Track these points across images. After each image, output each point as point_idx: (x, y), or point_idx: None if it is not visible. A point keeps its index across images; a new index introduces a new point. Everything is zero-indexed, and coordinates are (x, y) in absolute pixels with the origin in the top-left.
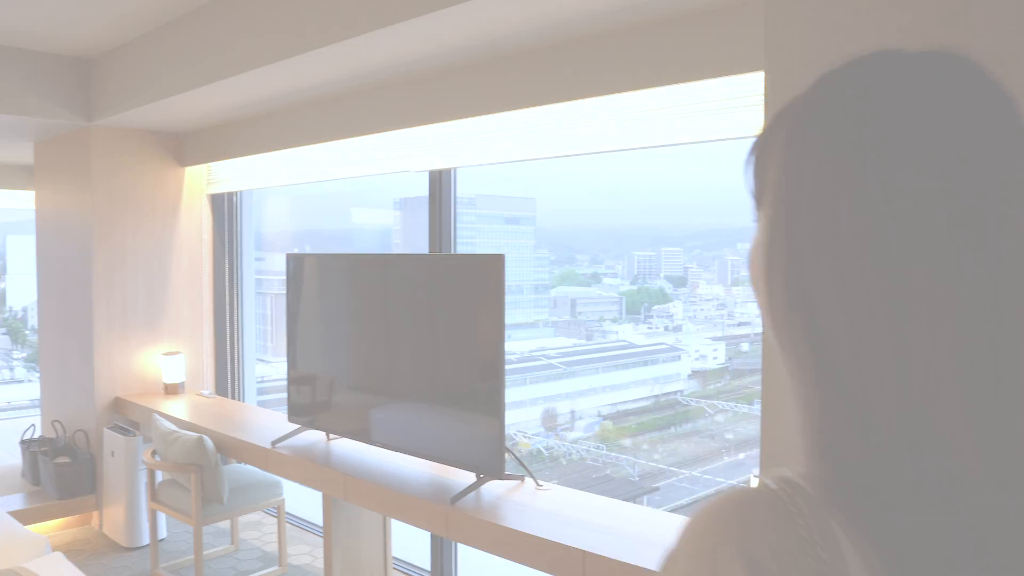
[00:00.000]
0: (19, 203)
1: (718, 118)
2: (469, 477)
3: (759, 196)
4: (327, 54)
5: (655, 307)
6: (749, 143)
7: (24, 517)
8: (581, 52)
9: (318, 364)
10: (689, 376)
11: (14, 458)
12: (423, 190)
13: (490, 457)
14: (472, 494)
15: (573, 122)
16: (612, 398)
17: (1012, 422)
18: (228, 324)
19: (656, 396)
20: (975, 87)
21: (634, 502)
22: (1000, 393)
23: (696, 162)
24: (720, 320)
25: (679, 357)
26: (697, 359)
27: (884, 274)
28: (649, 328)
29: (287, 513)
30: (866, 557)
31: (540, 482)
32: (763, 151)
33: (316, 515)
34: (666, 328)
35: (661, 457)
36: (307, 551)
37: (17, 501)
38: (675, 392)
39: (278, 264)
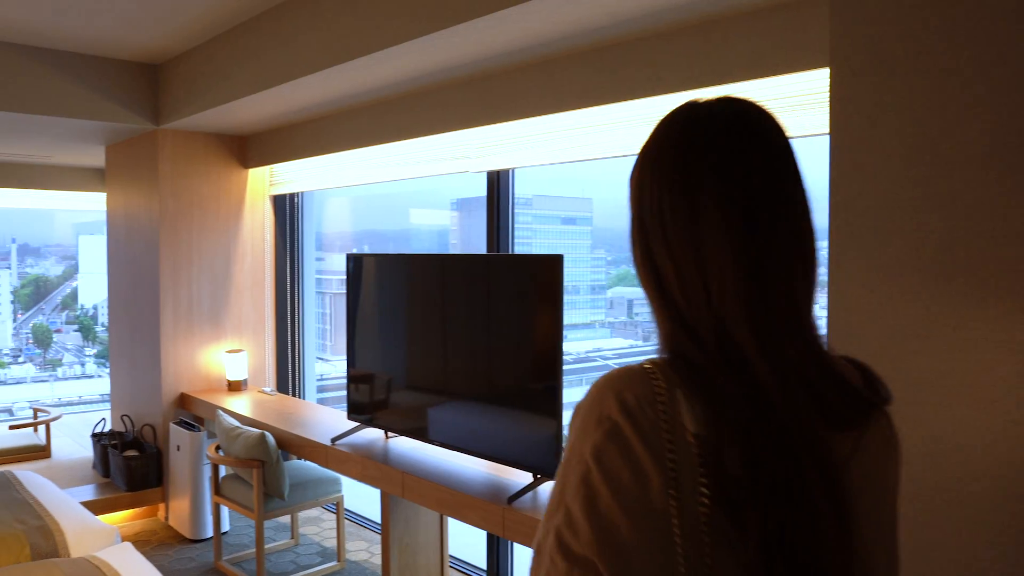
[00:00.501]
0: (91, 204)
1: (782, 117)
2: (526, 477)
3: (630, 202)
4: (387, 56)
5: None
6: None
7: (95, 508)
8: (640, 51)
9: (377, 363)
10: None
11: (86, 450)
12: (480, 190)
13: (547, 457)
14: (529, 494)
15: (631, 121)
16: None
17: (775, 325)
18: (289, 323)
19: None
20: (741, 123)
21: None
22: (768, 307)
23: None
24: None
25: None
26: None
27: (691, 240)
28: None
29: (345, 509)
30: (694, 407)
31: None
32: (630, 174)
33: (374, 512)
34: None
35: None
36: (365, 547)
37: (88, 492)
38: None
39: (337, 264)
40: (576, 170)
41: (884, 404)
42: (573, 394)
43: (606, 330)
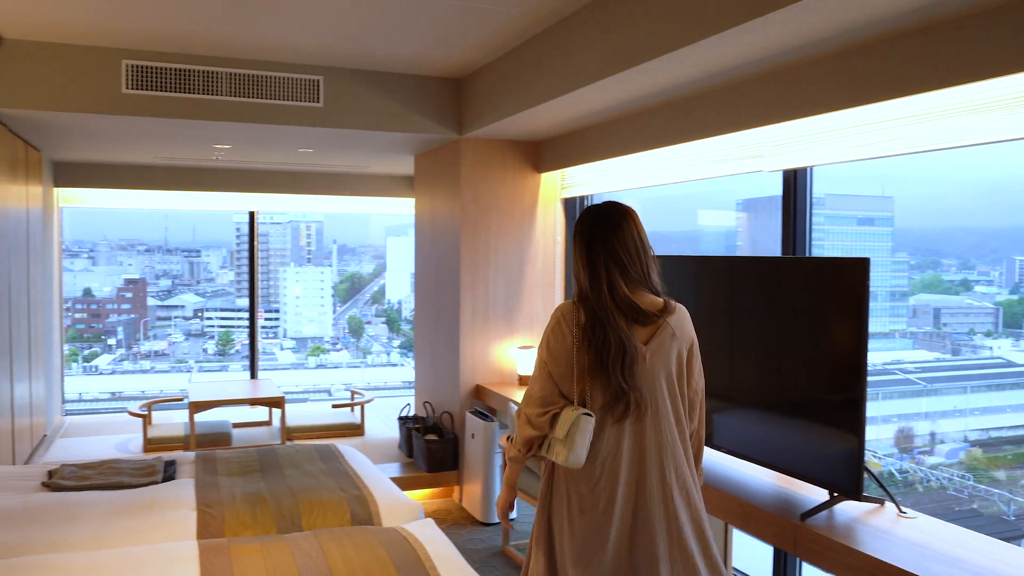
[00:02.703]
0: (398, 208)
1: None
2: (819, 494)
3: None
4: (679, 57)
5: None
6: None
7: (400, 484)
8: (953, 34)
9: None
10: None
11: (391, 431)
12: (769, 190)
13: (846, 475)
14: (824, 512)
15: (946, 112)
16: (983, 422)
17: (615, 290)
18: None
19: None
20: (608, 214)
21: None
22: (611, 285)
23: None
24: None
25: None
26: None
27: (590, 266)
28: None
29: None
30: (581, 314)
31: (903, 509)
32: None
33: None
34: None
35: None
36: None
37: (394, 469)
38: None
39: None
40: (875, 167)
41: (666, 317)
42: (873, 409)
43: (907, 341)
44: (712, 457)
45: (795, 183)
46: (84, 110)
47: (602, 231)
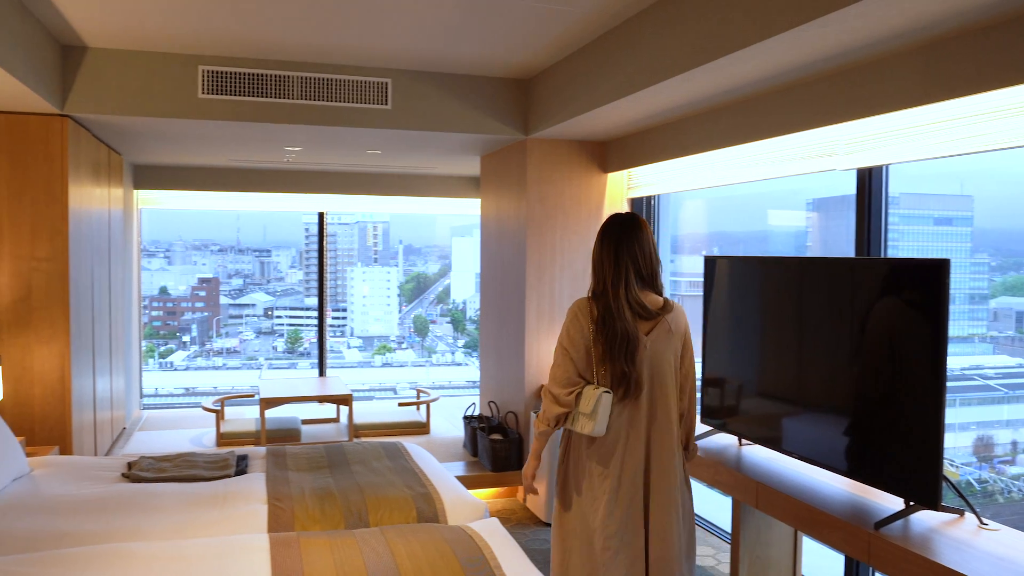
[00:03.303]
0: (464, 209)
1: None
2: (894, 502)
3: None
4: (749, 54)
5: None
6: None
7: (464, 483)
8: None
9: (731, 367)
10: None
11: (456, 430)
12: (842, 189)
13: (923, 483)
14: (900, 522)
15: None
16: None
17: (625, 289)
18: None
19: None
20: (633, 221)
21: None
22: (625, 284)
23: None
24: None
25: None
26: None
27: (616, 265)
28: None
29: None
30: (594, 308)
31: (984, 520)
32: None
33: (719, 518)
34: None
35: None
36: (711, 553)
37: (459, 468)
38: None
39: (687, 266)
40: (952, 165)
41: (665, 315)
42: (951, 416)
43: (987, 345)
44: (781, 462)
45: (870, 182)
46: (163, 115)
47: (627, 236)
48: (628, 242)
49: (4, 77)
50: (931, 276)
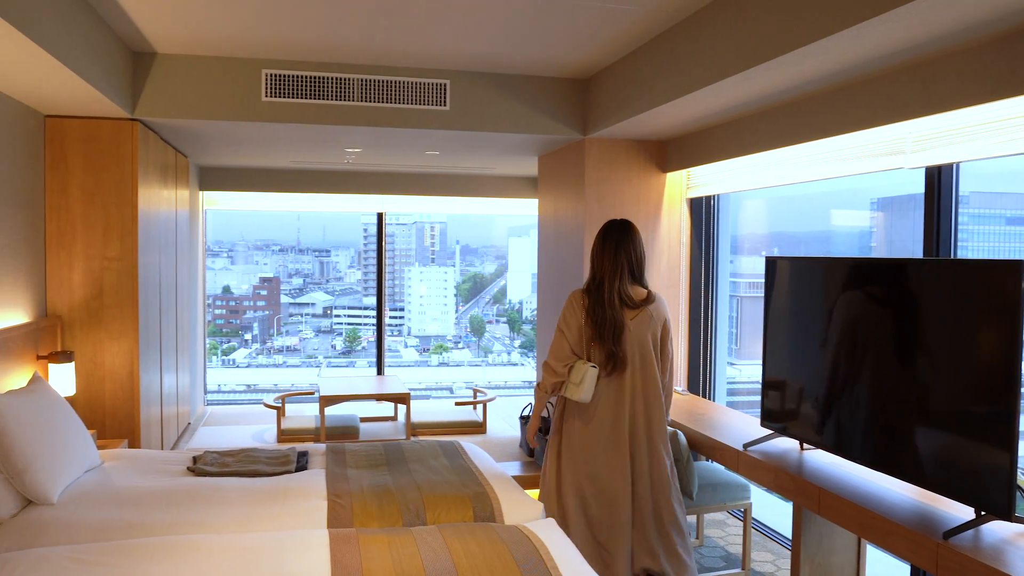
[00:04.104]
0: (520, 209)
1: None
2: (964, 511)
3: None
4: (812, 51)
5: None
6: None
7: (521, 483)
8: None
9: (793, 370)
10: None
11: (512, 430)
12: (908, 188)
13: (995, 493)
14: (970, 532)
15: None
16: None
17: (616, 283)
18: (702, 325)
19: None
20: (630, 226)
21: None
22: (619, 278)
23: None
24: None
25: None
26: None
27: (615, 263)
28: None
29: (752, 518)
30: (586, 297)
31: None
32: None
33: (780, 524)
34: None
35: None
36: (771, 559)
37: (515, 468)
38: None
39: (747, 266)
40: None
41: (648, 305)
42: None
43: None
44: (844, 467)
45: (939, 180)
46: (228, 118)
47: (625, 238)
48: (625, 243)
49: (80, 84)
50: (1004, 278)
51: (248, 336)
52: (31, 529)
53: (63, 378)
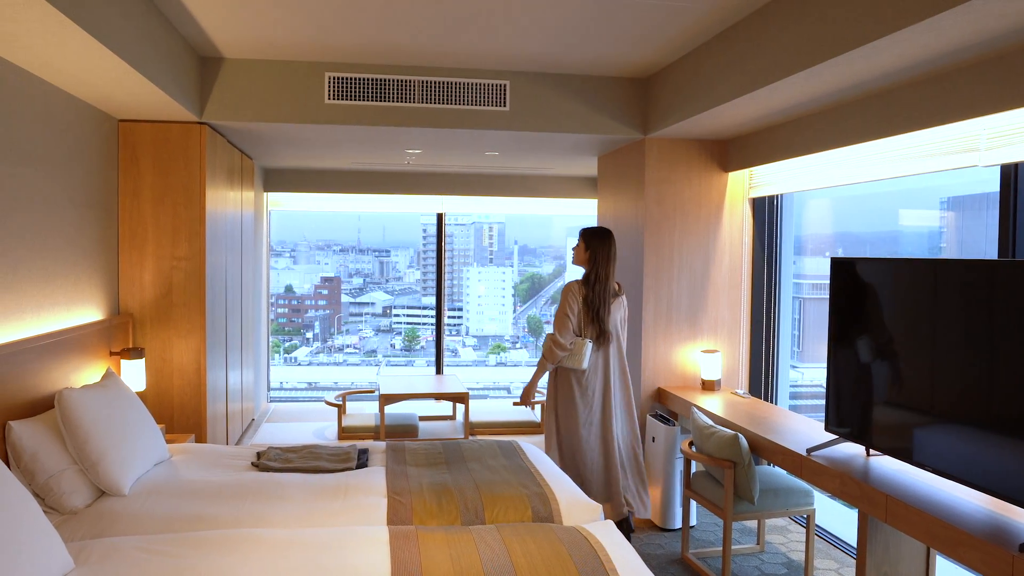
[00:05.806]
0: (579, 210)
1: None
2: None
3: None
4: (881, 46)
5: None
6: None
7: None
8: None
9: (860, 374)
10: None
11: None
12: (980, 187)
13: None
14: None
15: None
16: None
17: (607, 280)
18: (764, 326)
19: None
20: (604, 234)
21: None
22: (608, 277)
23: None
24: None
25: None
26: None
27: (610, 261)
28: None
29: (816, 524)
30: (583, 288)
31: None
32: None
33: (844, 531)
34: None
35: None
36: (834, 567)
37: None
38: None
39: (810, 267)
40: None
41: (620, 296)
42: None
43: None
44: (913, 474)
45: (1015, 178)
46: (292, 120)
47: (614, 242)
48: (615, 248)
49: (152, 89)
50: None
51: (309, 335)
52: (103, 519)
53: (134, 374)
